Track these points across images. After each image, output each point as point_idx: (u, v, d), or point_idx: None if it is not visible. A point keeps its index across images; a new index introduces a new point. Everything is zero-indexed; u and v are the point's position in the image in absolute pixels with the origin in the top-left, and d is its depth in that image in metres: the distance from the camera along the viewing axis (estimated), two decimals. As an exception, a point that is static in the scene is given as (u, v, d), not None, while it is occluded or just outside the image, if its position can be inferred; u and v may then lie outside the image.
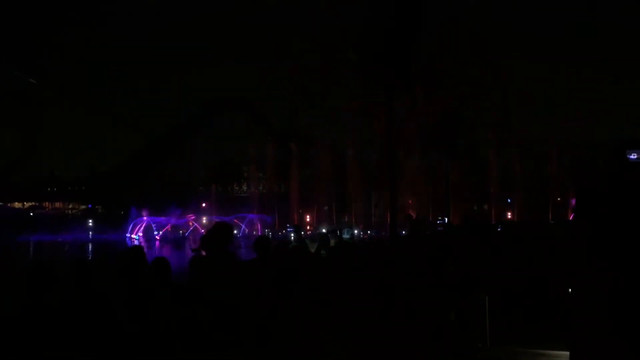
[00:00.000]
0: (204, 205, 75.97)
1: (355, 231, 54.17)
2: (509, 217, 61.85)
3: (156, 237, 68.80)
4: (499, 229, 18.99)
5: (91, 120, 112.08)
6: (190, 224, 71.67)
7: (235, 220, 69.02)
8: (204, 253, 5.66)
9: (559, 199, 63.65)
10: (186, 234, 67.94)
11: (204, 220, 69.37)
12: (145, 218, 72.92)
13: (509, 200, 65.29)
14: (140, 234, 71.43)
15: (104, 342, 4.23)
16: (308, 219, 74.14)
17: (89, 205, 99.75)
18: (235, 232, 66.86)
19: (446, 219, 52.02)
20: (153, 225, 71.55)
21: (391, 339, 6.03)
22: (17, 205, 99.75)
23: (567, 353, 4.66)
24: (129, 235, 71.95)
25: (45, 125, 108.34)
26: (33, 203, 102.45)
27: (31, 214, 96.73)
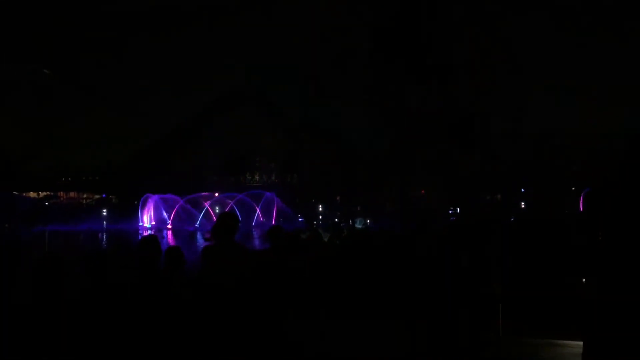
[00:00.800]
0: (217, 194, 76.27)
1: (368, 221, 54.19)
2: (522, 206, 61.53)
3: (168, 225, 68.81)
4: (512, 220, 18.91)
5: (105, 112, 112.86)
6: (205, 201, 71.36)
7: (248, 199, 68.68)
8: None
9: (573, 188, 63.17)
10: (196, 224, 67.86)
11: (217, 209, 69.40)
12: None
13: (522, 190, 64.90)
14: (153, 223, 71.73)
15: (107, 340, 4.23)
16: (320, 209, 74.23)
17: (103, 195, 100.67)
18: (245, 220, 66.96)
19: (458, 209, 51.84)
20: (163, 210, 71.36)
21: (402, 329, 6.04)
22: (32, 194, 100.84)
23: (581, 343, 4.66)
24: (141, 224, 72.36)
25: (59, 116, 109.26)
26: (48, 193, 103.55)
27: (46, 203, 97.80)
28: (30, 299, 4.24)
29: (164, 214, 71.96)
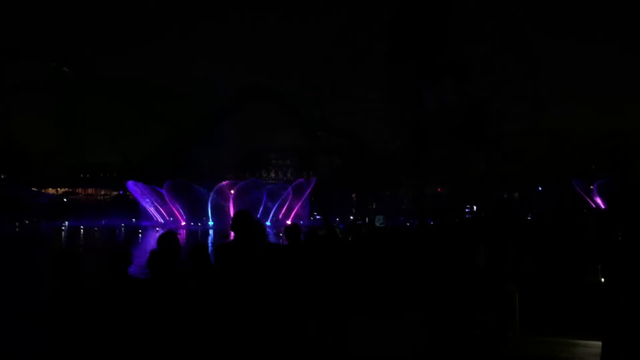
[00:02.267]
0: (232, 192, 76.57)
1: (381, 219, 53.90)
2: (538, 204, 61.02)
3: (181, 225, 68.99)
4: (529, 218, 18.79)
5: (124, 110, 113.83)
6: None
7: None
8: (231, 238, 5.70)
9: (591, 187, 62.54)
10: (210, 222, 67.83)
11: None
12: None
13: (539, 189, 64.42)
14: (167, 220, 72.11)
15: (122, 335, 4.29)
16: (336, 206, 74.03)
17: (120, 192, 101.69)
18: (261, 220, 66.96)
19: (475, 207, 51.58)
20: (176, 206, 70.93)
21: (417, 328, 6.05)
22: (51, 191, 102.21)
23: (599, 343, 4.64)
24: (160, 221, 72.80)
25: (79, 114, 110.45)
26: (67, 189, 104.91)
27: (65, 200, 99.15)
28: (48, 294, 4.31)
29: (175, 210, 72.14)
